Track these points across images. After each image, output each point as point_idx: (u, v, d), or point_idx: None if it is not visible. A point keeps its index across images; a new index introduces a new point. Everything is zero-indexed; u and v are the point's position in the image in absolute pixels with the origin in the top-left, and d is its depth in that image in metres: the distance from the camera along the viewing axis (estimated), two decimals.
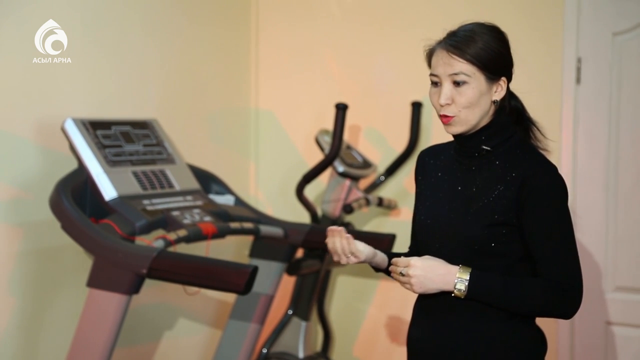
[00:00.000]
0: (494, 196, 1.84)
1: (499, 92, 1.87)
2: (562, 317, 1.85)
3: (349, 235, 1.89)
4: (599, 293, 3.29)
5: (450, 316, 1.87)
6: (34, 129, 2.94)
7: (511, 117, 1.91)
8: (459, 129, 1.86)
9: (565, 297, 1.81)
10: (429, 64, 1.90)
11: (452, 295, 1.83)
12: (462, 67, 1.82)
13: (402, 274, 1.85)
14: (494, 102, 1.87)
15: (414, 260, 1.85)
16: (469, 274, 1.81)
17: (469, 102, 1.83)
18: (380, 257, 1.95)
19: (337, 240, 1.88)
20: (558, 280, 1.81)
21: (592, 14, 3.25)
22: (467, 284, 1.81)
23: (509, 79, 1.90)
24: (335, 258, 1.90)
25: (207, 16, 3.73)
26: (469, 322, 1.85)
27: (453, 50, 1.82)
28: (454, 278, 1.82)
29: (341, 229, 1.90)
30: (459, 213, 1.87)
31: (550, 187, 1.83)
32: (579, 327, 3.31)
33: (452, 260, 1.85)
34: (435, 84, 1.87)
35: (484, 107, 1.85)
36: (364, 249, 1.90)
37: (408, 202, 3.72)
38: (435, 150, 2.02)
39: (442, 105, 1.85)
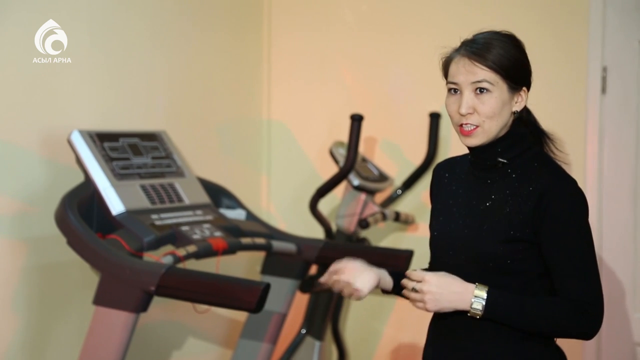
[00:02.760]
0: (509, 211, 1.83)
1: (519, 103, 1.87)
2: (582, 338, 1.84)
3: (349, 285, 1.88)
4: (626, 313, 3.26)
5: (465, 337, 1.86)
6: (39, 141, 2.95)
7: (528, 129, 1.91)
8: (479, 140, 1.85)
9: (585, 316, 1.80)
10: (445, 73, 1.90)
11: (468, 314, 1.82)
12: (485, 74, 1.82)
13: (415, 290, 1.83)
14: (514, 112, 1.87)
15: (429, 275, 1.83)
16: (486, 292, 1.80)
17: (492, 111, 1.82)
18: (386, 281, 1.94)
19: (340, 282, 1.89)
20: (577, 300, 1.80)
21: (617, 22, 3.25)
22: (484, 303, 1.79)
23: (529, 89, 1.90)
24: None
25: (218, 24, 3.75)
26: (484, 343, 1.84)
27: (476, 58, 1.82)
28: (470, 297, 1.80)
29: (343, 266, 1.89)
30: (473, 228, 1.86)
31: (569, 201, 1.81)
32: (606, 348, 3.29)
33: (466, 278, 1.83)
34: (452, 92, 1.87)
35: (505, 117, 1.85)
36: (363, 286, 1.88)
37: (426, 216, 3.67)
38: (450, 164, 2.02)
39: (462, 115, 1.84)
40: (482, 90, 1.82)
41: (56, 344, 3.02)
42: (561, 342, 1.93)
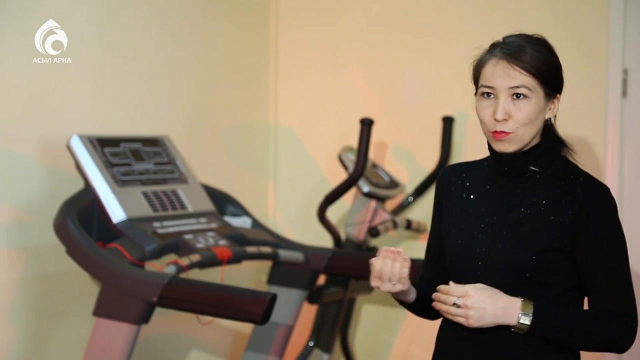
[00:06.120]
0: (547, 221, 1.82)
1: (552, 110, 1.86)
2: (619, 351, 1.84)
3: (406, 258, 1.81)
4: None
5: (493, 348, 1.84)
6: (37, 147, 2.96)
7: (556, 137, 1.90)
8: (513, 147, 1.83)
9: (626, 330, 1.81)
10: (477, 75, 1.87)
11: (512, 330, 1.80)
12: (524, 79, 1.80)
13: (456, 305, 1.80)
14: (546, 120, 1.86)
15: (472, 289, 1.80)
16: (532, 307, 1.79)
17: (528, 118, 1.81)
18: (412, 290, 1.90)
19: (389, 263, 1.80)
20: (618, 313, 1.81)
21: (638, 22, 3.24)
22: (531, 318, 1.78)
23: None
24: (375, 283, 1.82)
25: (223, 25, 3.75)
26: (515, 355, 1.83)
27: (515, 62, 1.80)
28: (516, 312, 1.79)
29: (399, 251, 1.80)
30: (506, 239, 1.84)
31: (608, 212, 1.82)
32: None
33: (497, 288, 1.82)
34: (485, 95, 1.84)
35: (539, 125, 1.84)
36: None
37: None
38: (461, 169, 1.99)
39: (498, 121, 1.82)
40: (519, 95, 1.81)
41: (55, 356, 3.02)
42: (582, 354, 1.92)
